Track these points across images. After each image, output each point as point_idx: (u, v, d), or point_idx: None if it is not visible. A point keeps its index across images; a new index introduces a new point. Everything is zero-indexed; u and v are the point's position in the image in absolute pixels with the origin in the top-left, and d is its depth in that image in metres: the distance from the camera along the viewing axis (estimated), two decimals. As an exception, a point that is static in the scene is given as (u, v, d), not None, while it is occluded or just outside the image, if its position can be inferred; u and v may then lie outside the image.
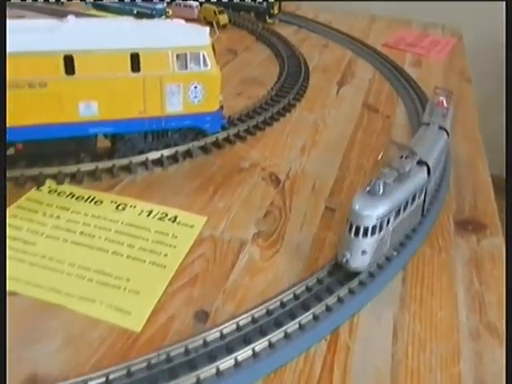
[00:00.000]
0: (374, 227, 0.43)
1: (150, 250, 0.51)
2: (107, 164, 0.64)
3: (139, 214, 0.56)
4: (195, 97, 0.66)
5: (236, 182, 0.63)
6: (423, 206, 0.54)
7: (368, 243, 0.44)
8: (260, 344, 0.39)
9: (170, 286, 0.46)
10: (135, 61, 0.61)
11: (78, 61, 0.58)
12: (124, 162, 0.65)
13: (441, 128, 0.60)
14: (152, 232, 0.53)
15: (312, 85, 0.96)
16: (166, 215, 0.56)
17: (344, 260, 0.45)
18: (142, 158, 0.66)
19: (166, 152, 0.68)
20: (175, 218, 0.56)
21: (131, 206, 0.57)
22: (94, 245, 0.51)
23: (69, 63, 0.58)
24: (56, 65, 0.57)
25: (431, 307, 0.46)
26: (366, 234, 0.43)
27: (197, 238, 0.52)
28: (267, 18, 1.40)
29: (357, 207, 0.43)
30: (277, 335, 0.39)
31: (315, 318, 0.41)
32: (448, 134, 0.61)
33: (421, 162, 0.51)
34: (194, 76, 0.64)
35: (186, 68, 0.63)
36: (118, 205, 0.58)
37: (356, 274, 0.46)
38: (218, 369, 0.37)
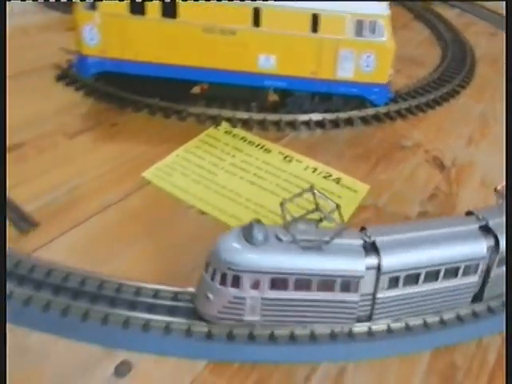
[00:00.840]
0: (224, 275, 0.34)
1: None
2: (275, 117, 0.68)
3: (305, 169, 0.59)
4: (367, 66, 0.65)
5: (398, 158, 0.63)
6: (370, 307, 0.37)
7: (213, 290, 0.35)
8: (432, 318, 0.39)
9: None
10: (315, 22, 0.62)
11: (265, 14, 0.61)
12: (289, 117, 0.68)
13: (485, 230, 0.38)
14: (317, 187, 0.55)
15: (479, 74, 0.88)
16: (330, 175, 0.58)
17: (191, 292, 0.37)
18: (306, 117, 0.68)
19: (328, 116, 0.69)
20: (339, 179, 0.58)
21: (297, 160, 0.60)
22: (266, 187, 0.55)
23: (256, 15, 0.61)
24: (246, 16, 0.61)
25: None
26: (212, 277, 0.35)
27: (360, 203, 0.54)
28: (428, -4, 1.31)
29: (218, 241, 0.35)
30: (449, 314, 0.39)
31: (489, 309, 0.40)
32: (497, 241, 0.38)
33: (373, 247, 0.36)
34: (368, 45, 0.63)
35: (362, 36, 0.63)
36: (285, 156, 0.61)
37: None
38: (388, 326, 0.38)
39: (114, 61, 0.64)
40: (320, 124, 0.68)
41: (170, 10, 0.61)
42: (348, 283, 0.35)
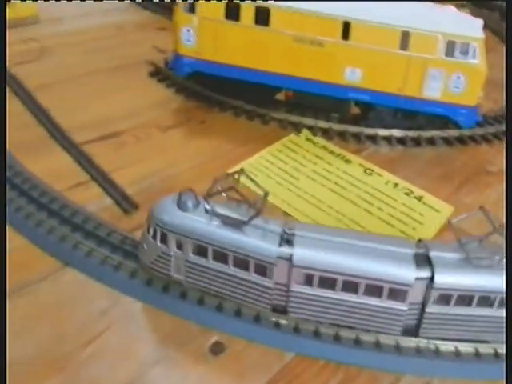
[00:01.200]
0: (154, 230, 0.38)
1: (397, 219, 0.53)
2: (355, 129, 0.69)
3: (386, 184, 0.59)
4: (456, 87, 0.64)
5: (483, 183, 0.61)
6: (285, 298, 0.38)
7: (146, 241, 0.39)
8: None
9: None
10: (405, 39, 0.62)
11: (354, 28, 0.62)
12: (370, 131, 0.68)
13: (422, 260, 0.36)
14: (398, 203, 0.56)
15: None
16: (412, 192, 0.58)
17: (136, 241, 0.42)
18: (387, 132, 0.68)
19: (411, 133, 0.69)
20: (421, 197, 0.57)
21: (377, 174, 0.61)
22: (347, 197, 0.56)
23: (346, 29, 0.63)
24: (335, 29, 0.63)
25: None
26: (148, 230, 0.39)
27: (443, 223, 0.53)
28: (515, 19, 1.26)
29: (159, 202, 0.39)
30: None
31: None
32: (433, 274, 0.35)
33: (290, 239, 0.36)
34: (459, 66, 0.63)
35: (453, 56, 0.62)
36: (366, 169, 0.61)
37: None
38: (476, 350, 0.38)
39: (207, 62, 0.69)
40: (401, 141, 0.68)
41: (262, 18, 0.65)
42: (263, 268, 0.37)
